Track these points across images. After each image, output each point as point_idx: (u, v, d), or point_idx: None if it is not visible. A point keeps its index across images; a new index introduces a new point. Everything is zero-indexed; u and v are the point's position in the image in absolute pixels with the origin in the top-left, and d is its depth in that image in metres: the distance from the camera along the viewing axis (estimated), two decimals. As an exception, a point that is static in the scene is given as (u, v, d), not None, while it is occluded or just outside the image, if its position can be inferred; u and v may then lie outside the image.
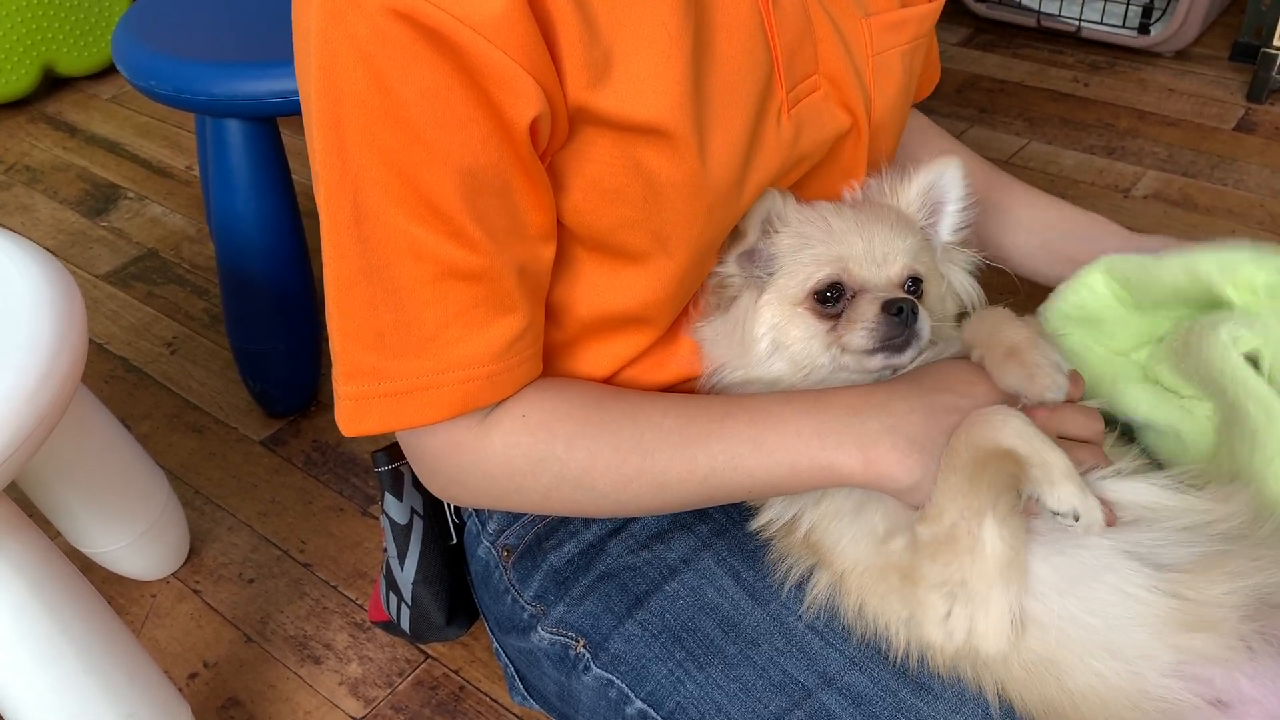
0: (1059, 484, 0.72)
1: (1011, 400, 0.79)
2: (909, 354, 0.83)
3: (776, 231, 0.85)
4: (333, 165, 0.68)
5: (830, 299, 0.83)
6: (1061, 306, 0.98)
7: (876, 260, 0.84)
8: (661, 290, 0.82)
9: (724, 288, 0.86)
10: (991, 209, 1.05)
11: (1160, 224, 2.10)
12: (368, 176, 0.68)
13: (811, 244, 0.84)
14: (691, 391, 0.89)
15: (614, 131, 0.73)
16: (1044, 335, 0.81)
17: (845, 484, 0.80)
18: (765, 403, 0.81)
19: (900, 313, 0.81)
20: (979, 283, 0.96)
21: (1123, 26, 2.62)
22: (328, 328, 0.76)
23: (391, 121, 0.66)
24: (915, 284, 0.87)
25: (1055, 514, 0.74)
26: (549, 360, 0.84)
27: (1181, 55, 2.64)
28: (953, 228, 0.93)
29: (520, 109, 0.67)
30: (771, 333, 0.85)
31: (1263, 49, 2.39)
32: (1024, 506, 0.77)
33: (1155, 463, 0.91)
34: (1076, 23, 2.66)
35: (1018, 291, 1.09)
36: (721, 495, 0.82)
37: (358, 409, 0.75)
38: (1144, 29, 2.60)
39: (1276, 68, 2.38)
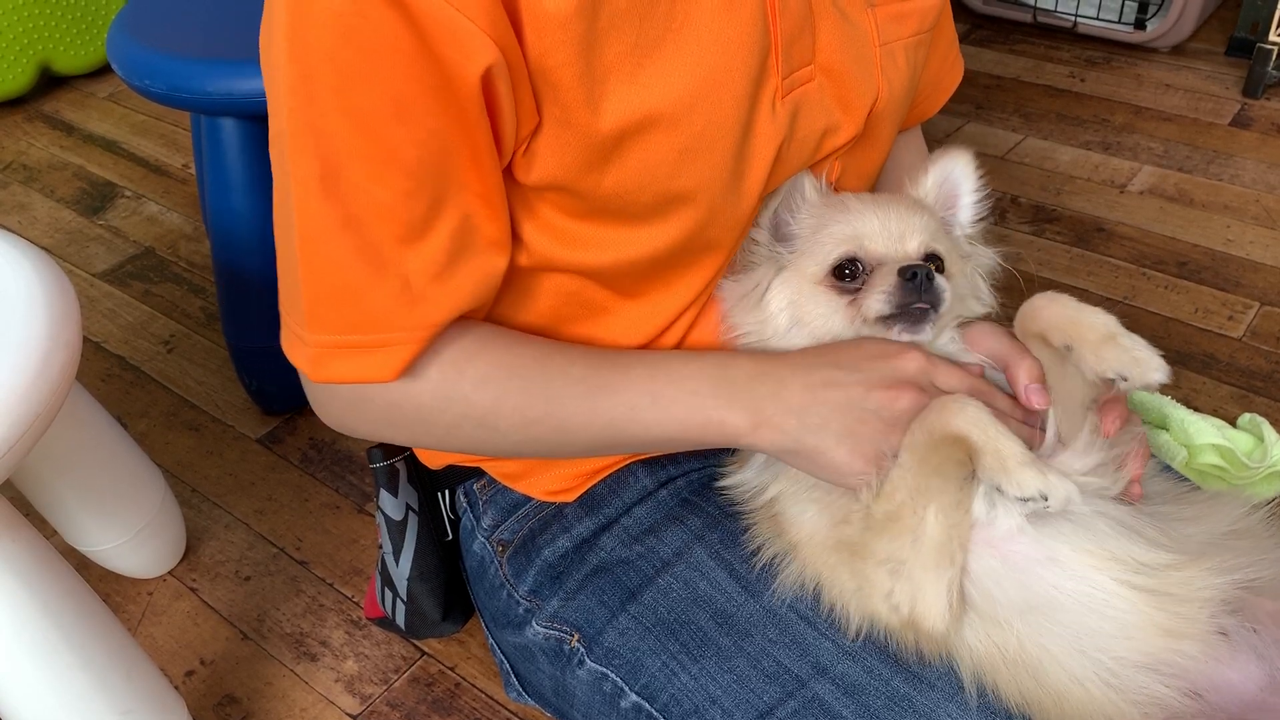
0: (1014, 471, 0.72)
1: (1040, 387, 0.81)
2: (927, 327, 0.83)
3: (798, 211, 0.87)
4: (300, 122, 0.70)
5: (848, 275, 0.84)
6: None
7: (893, 236, 0.85)
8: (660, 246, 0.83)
9: (749, 254, 0.89)
10: None
11: (1156, 219, 2.10)
12: (335, 133, 0.69)
13: (829, 223, 0.86)
14: None
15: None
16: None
17: (735, 444, 0.83)
18: (668, 359, 0.84)
19: (915, 277, 0.81)
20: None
21: (1118, 22, 2.62)
22: (282, 277, 0.79)
23: (358, 80, 0.68)
24: (935, 262, 0.87)
25: (1022, 500, 0.73)
26: (575, 323, 0.87)
27: (1177, 50, 2.65)
28: (970, 219, 0.93)
29: (471, 65, 0.68)
30: (790, 309, 0.86)
31: (1258, 44, 2.39)
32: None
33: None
34: (1072, 18, 2.66)
35: (1023, 293, 1.09)
36: (620, 444, 0.86)
37: (323, 357, 0.77)
38: (1139, 24, 2.60)
39: (1272, 63, 2.38)
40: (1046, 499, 0.72)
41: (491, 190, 0.75)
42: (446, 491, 1.06)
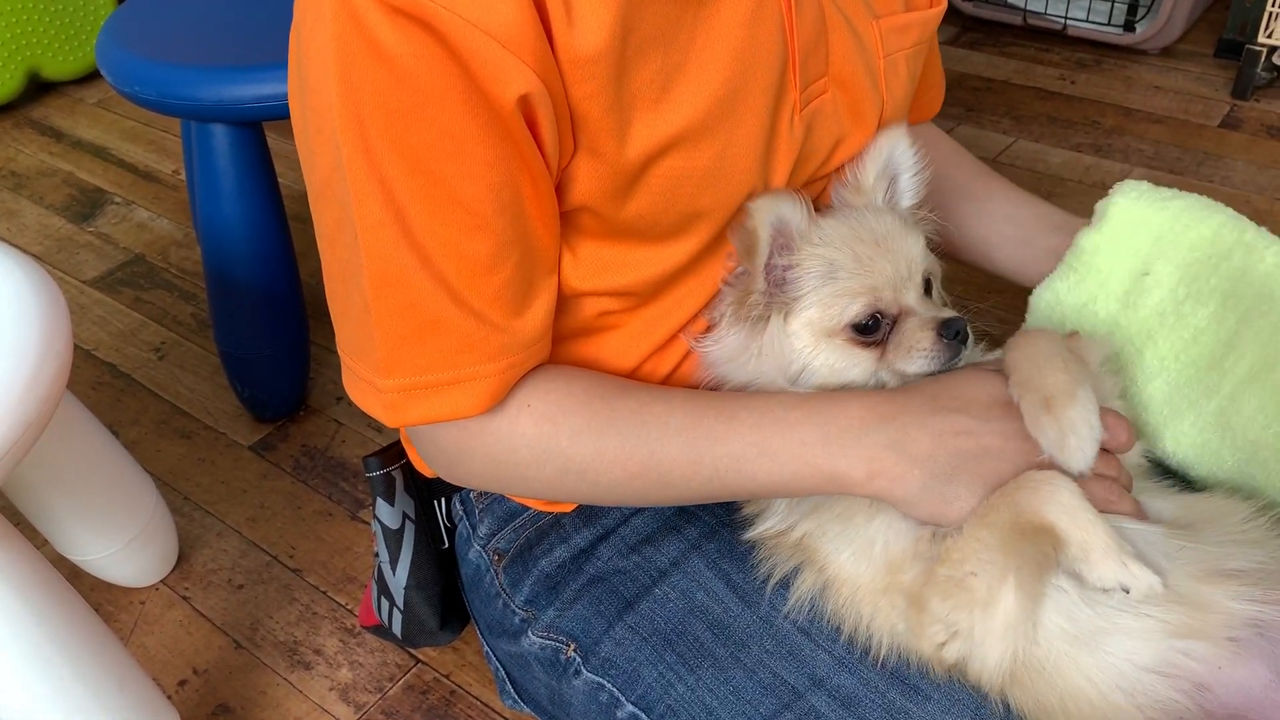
0: (1098, 564, 0.73)
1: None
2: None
3: (796, 249, 0.82)
4: (359, 167, 0.69)
5: (869, 328, 0.82)
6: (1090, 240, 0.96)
7: (903, 278, 0.83)
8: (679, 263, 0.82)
9: (747, 305, 0.83)
10: (973, 199, 1.05)
11: (1147, 221, 2.10)
12: (394, 176, 0.68)
13: (841, 274, 0.82)
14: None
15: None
16: (1086, 380, 0.78)
17: (846, 493, 0.79)
18: (772, 406, 0.80)
19: (958, 335, 0.81)
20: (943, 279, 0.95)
21: (1108, 24, 2.63)
22: (345, 324, 0.77)
23: (413, 120, 0.67)
24: (928, 284, 0.86)
25: (1103, 590, 0.74)
26: (572, 349, 0.85)
27: (1167, 52, 2.66)
28: (911, 195, 0.92)
29: (508, 91, 0.67)
30: (804, 359, 0.83)
31: (1247, 45, 2.40)
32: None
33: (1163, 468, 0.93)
34: (1062, 20, 2.67)
35: (1003, 291, 1.09)
36: (724, 494, 0.82)
37: (401, 401, 0.75)
38: (1129, 26, 2.61)
39: (1261, 64, 2.39)
40: (1128, 591, 0.72)
41: (549, 215, 0.75)
42: (443, 499, 1.06)
